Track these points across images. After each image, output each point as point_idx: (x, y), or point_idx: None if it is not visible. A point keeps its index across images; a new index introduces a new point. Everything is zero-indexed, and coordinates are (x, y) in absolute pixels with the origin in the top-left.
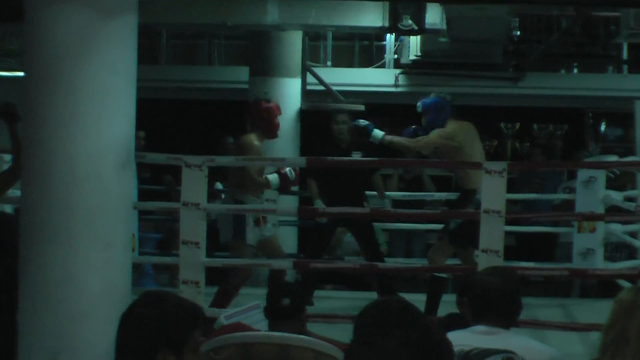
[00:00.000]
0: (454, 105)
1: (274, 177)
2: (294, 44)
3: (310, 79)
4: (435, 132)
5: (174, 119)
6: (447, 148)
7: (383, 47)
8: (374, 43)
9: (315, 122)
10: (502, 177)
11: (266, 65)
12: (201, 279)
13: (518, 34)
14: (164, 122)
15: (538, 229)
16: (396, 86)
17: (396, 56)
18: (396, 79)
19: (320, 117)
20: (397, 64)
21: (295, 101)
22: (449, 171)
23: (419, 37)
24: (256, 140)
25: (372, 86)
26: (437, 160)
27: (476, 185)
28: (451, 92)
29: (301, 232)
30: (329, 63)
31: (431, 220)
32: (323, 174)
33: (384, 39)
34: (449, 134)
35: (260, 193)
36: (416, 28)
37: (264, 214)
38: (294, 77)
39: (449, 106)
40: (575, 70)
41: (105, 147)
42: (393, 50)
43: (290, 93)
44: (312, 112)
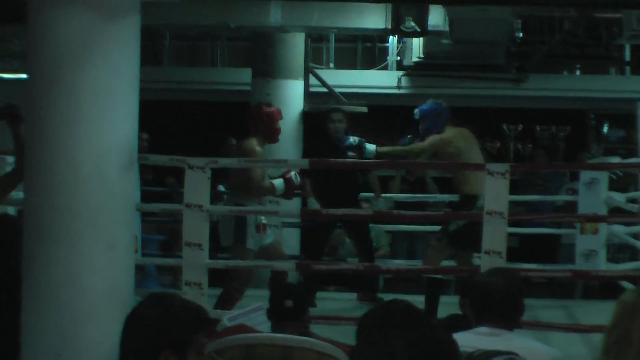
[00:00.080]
0: (451, 111)
1: (279, 182)
2: (296, 45)
3: (312, 80)
4: (431, 138)
5: (176, 121)
6: (444, 154)
7: (386, 49)
8: (377, 45)
9: (318, 124)
10: (505, 179)
11: (269, 67)
12: (204, 281)
13: (520, 35)
14: (166, 123)
15: (541, 230)
16: (399, 88)
17: (399, 58)
18: (399, 80)
19: (322, 119)
20: (399, 65)
21: (297, 103)
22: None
23: (421, 38)
24: (257, 146)
25: (375, 88)
26: (439, 162)
27: (476, 190)
28: (454, 93)
29: (304, 234)
30: (331, 65)
31: (434, 222)
32: (317, 172)
33: (386, 41)
34: (445, 139)
35: (260, 202)
36: (419, 30)
37: (266, 215)
38: (296, 78)
39: (446, 112)
40: (577, 72)
41: (108, 149)
42: (396, 52)
43: (293, 95)
44: (314, 114)
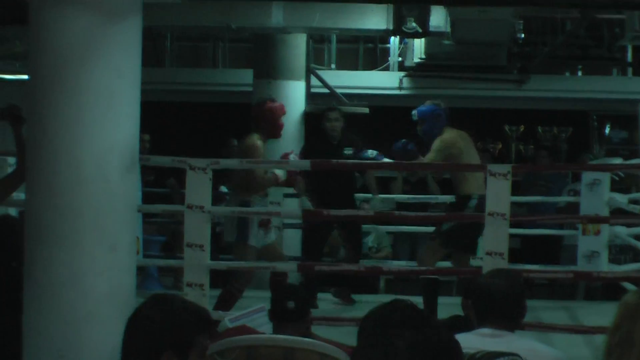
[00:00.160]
0: (453, 112)
1: (280, 170)
2: (298, 46)
3: (314, 81)
4: (436, 144)
5: (178, 121)
6: (447, 155)
7: (387, 49)
8: (378, 46)
9: (320, 125)
10: (507, 180)
11: (270, 68)
12: (206, 282)
13: (522, 36)
14: (168, 124)
15: (543, 231)
16: (400, 89)
17: (400, 59)
18: (400, 81)
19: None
20: (401, 66)
21: (299, 104)
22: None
23: (423, 39)
24: (259, 140)
25: (376, 89)
26: (439, 163)
27: (472, 190)
28: (455, 94)
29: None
30: (333, 66)
31: (436, 223)
32: (314, 172)
33: (388, 42)
34: (449, 141)
35: (265, 195)
36: (420, 31)
37: (268, 217)
38: (298, 79)
39: (445, 113)
40: (579, 73)
41: (110, 150)
42: (397, 53)
43: (295, 96)
44: (316, 115)
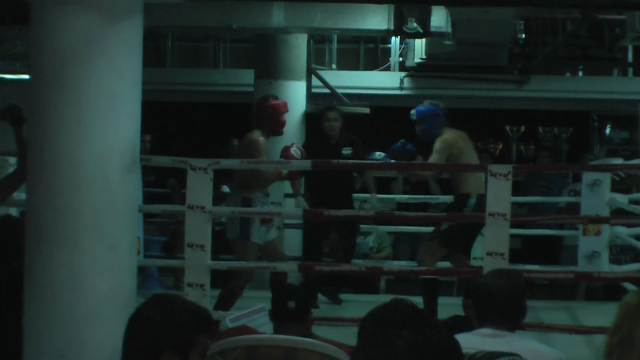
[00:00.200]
0: (453, 112)
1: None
2: (299, 46)
3: (315, 81)
4: (437, 145)
5: (178, 122)
6: (448, 155)
7: (388, 50)
8: (379, 46)
9: (318, 125)
10: (508, 180)
11: (271, 68)
12: (206, 282)
13: (523, 36)
14: (169, 124)
15: (543, 231)
16: (401, 89)
17: (401, 59)
18: (401, 81)
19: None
20: (402, 66)
21: (300, 104)
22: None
23: (424, 40)
24: (261, 137)
25: (377, 89)
26: (440, 164)
27: (470, 189)
28: (456, 95)
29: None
30: (334, 66)
31: (435, 223)
32: (311, 172)
33: (389, 42)
34: (450, 141)
35: (267, 194)
36: (421, 31)
37: (268, 217)
38: (299, 80)
39: (443, 113)
40: (580, 73)
41: (111, 150)
42: (398, 53)
43: (296, 96)
44: (317, 115)
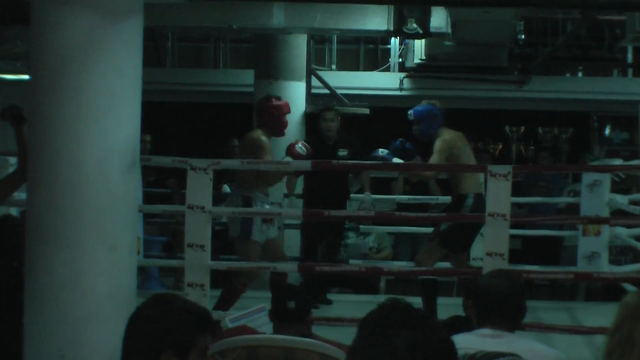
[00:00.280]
0: (453, 113)
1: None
2: (299, 47)
3: (315, 82)
4: (438, 145)
5: (179, 122)
6: (450, 156)
7: (388, 50)
8: (379, 46)
9: (316, 125)
10: (507, 181)
11: (271, 69)
12: (206, 282)
13: (523, 37)
14: (169, 124)
15: (543, 232)
16: (401, 90)
17: (401, 60)
18: (401, 82)
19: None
20: (402, 67)
21: (300, 104)
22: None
23: (423, 40)
24: (263, 136)
25: (377, 90)
26: (440, 164)
27: (468, 189)
28: (456, 95)
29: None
30: (334, 66)
31: (436, 224)
32: (307, 172)
33: (389, 43)
34: (450, 141)
35: (266, 193)
36: (421, 31)
37: (268, 217)
38: (299, 80)
39: (441, 114)
40: (580, 74)
41: (111, 150)
42: (398, 53)
43: (295, 96)
44: (317, 116)
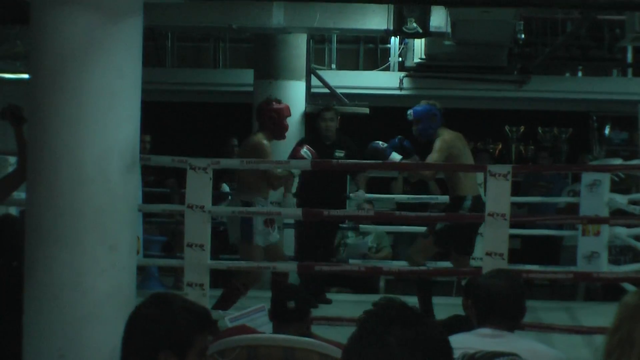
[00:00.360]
0: (453, 112)
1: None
2: (299, 46)
3: (314, 81)
4: (437, 145)
5: (178, 122)
6: (450, 156)
7: (388, 50)
8: (379, 46)
9: (315, 124)
10: (507, 180)
11: (271, 68)
12: (206, 282)
13: (523, 37)
14: (168, 124)
15: (543, 232)
16: (401, 89)
17: (401, 59)
18: (401, 82)
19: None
20: (401, 67)
21: (300, 104)
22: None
23: (423, 40)
24: (264, 139)
25: (377, 89)
26: (439, 164)
27: (466, 191)
28: (455, 95)
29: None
30: (333, 66)
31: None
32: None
33: (388, 42)
34: (449, 141)
35: (266, 197)
36: (421, 31)
37: (268, 217)
38: (298, 79)
39: (440, 114)
40: (580, 74)
41: (111, 150)
42: (398, 53)
43: (295, 96)
44: (316, 115)
